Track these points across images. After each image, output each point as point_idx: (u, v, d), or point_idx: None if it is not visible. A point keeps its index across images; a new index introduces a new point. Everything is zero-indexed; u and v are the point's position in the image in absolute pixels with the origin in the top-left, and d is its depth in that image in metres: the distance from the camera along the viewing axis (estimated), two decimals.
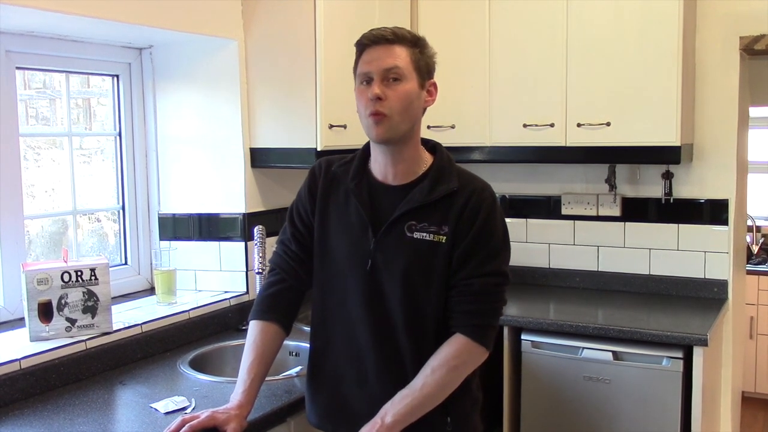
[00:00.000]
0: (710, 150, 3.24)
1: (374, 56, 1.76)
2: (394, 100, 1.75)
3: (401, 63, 1.75)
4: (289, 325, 1.95)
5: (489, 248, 1.78)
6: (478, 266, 1.77)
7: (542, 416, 2.99)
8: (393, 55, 1.75)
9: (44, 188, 2.79)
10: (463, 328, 1.77)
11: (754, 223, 5.25)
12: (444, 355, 1.76)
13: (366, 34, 1.80)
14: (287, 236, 1.96)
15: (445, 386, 1.76)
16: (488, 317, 1.79)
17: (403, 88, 1.76)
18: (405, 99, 1.76)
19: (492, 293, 1.79)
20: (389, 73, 1.75)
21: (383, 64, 1.75)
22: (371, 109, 1.75)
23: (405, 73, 1.76)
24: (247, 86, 2.90)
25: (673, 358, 2.75)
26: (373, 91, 1.74)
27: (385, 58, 1.75)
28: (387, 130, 1.76)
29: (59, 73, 2.74)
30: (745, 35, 3.13)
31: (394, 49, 1.76)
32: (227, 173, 2.92)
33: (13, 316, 2.47)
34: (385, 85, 1.74)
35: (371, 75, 1.75)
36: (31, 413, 1.99)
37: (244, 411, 1.80)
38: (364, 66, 1.77)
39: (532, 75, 3.18)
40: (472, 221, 1.77)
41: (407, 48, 1.77)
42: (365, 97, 1.76)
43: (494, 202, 1.82)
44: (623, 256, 3.43)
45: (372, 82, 1.75)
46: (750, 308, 4.88)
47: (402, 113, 1.76)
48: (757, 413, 4.91)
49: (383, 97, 1.73)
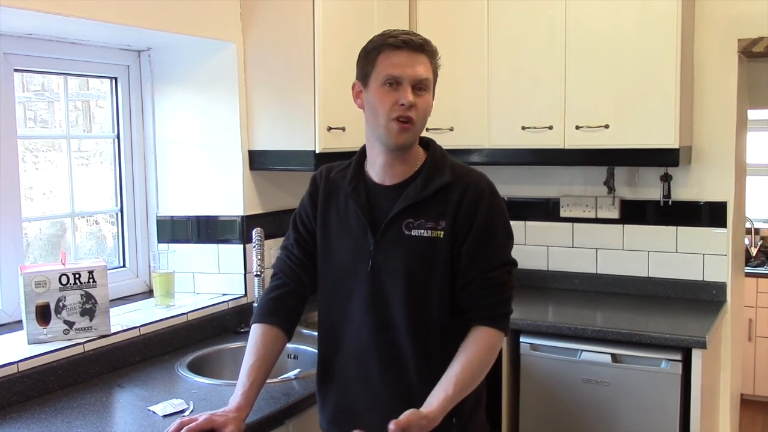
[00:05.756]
0: (709, 152, 3.24)
1: (405, 62, 1.73)
2: (420, 109, 1.76)
3: (430, 75, 1.77)
4: (290, 329, 1.95)
5: (497, 239, 1.81)
6: (490, 259, 1.79)
7: (541, 419, 2.99)
8: (423, 64, 1.75)
9: (42, 191, 2.78)
10: (485, 320, 1.78)
11: (752, 225, 5.25)
12: (475, 349, 1.76)
13: (392, 34, 1.77)
14: (290, 242, 1.97)
15: (475, 380, 1.77)
16: (506, 305, 1.82)
17: (427, 99, 1.78)
18: (428, 109, 1.80)
19: (506, 282, 1.81)
20: (420, 83, 1.75)
21: (416, 73, 1.74)
22: (402, 114, 1.74)
23: (430, 85, 1.78)
24: (246, 89, 2.89)
25: (671, 360, 2.75)
26: (407, 98, 1.73)
27: (417, 67, 1.74)
28: (411, 137, 1.78)
29: (57, 76, 2.74)
30: (744, 38, 3.13)
31: (423, 59, 1.76)
32: (226, 176, 2.92)
33: (11, 319, 2.46)
34: (414, 94, 1.74)
35: (401, 80, 1.73)
36: (29, 416, 1.98)
37: (243, 414, 1.80)
38: (395, 69, 1.73)
39: (530, 77, 3.18)
40: (473, 215, 1.78)
41: (429, 58, 1.78)
42: (391, 100, 1.74)
43: (492, 192, 1.83)
44: (622, 258, 3.43)
45: (400, 86, 1.74)
46: (749, 311, 4.89)
47: (424, 122, 1.80)
48: (755, 416, 4.91)
49: (414, 106, 1.74)
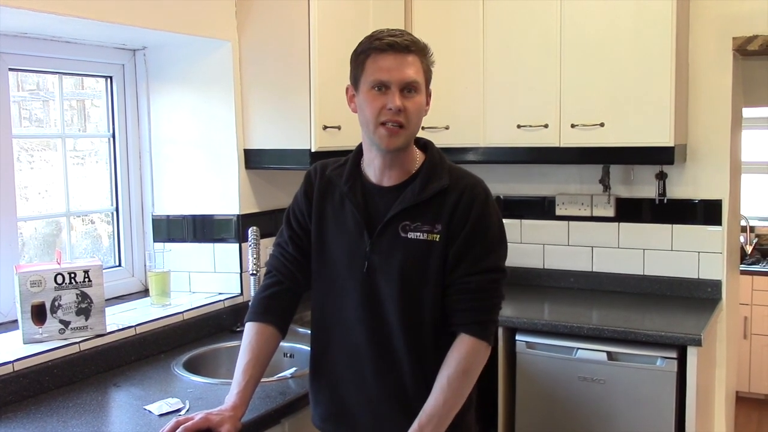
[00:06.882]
0: (704, 150, 3.25)
1: (391, 65, 1.71)
2: (411, 112, 1.74)
3: (419, 76, 1.73)
4: (285, 327, 1.95)
5: (484, 245, 1.78)
6: (474, 263, 1.76)
7: (537, 417, 3.00)
8: (411, 66, 1.72)
9: (38, 190, 2.77)
10: (465, 326, 1.77)
11: (747, 223, 5.26)
12: (455, 364, 1.75)
13: (378, 36, 1.74)
14: (284, 239, 1.95)
15: (463, 394, 1.77)
16: (488, 313, 1.79)
17: (419, 100, 1.75)
18: (419, 111, 1.76)
19: (490, 290, 1.79)
20: (408, 85, 1.72)
21: (403, 76, 1.71)
22: (390, 118, 1.72)
23: (420, 86, 1.75)
24: (241, 87, 2.89)
25: (667, 358, 2.75)
26: (395, 102, 1.70)
27: (404, 69, 1.71)
28: (404, 140, 1.76)
29: (52, 75, 2.73)
30: (739, 36, 3.13)
31: (411, 60, 1.72)
32: (221, 174, 2.92)
33: (6, 318, 2.46)
34: (403, 96, 1.72)
35: (389, 84, 1.71)
36: (25, 416, 1.98)
37: (239, 412, 1.80)
38: (381, 73, 1.71)
39: (526, 75, 3.18)
40: (465, 218, 1.77)
41: (419, 57, 1.74)
42: (379, 104, 1.72)
43: (487, 197, 1.81)
44: (617, 256, 3.44)
45: (388, 90, 1.72)
46: (744, 308, 4.89)
47: (416, 124, 1.77)
48: (751, 413, 4.92)
49: (403, 109, 1.72)
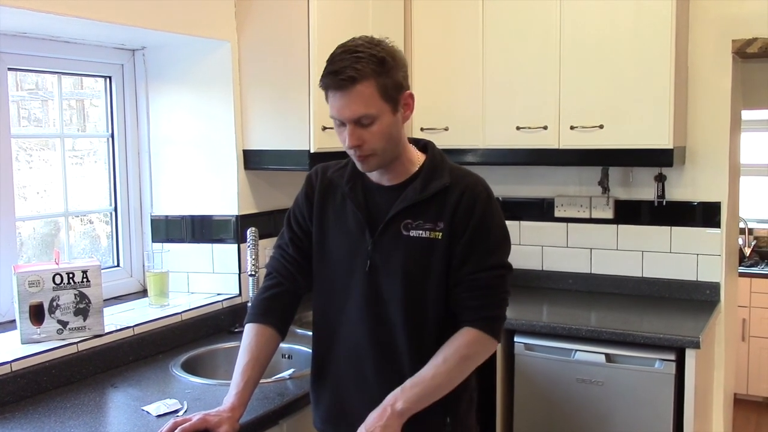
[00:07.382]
0: (703, 153, 3.25)
1: (341, 103, 1.68)
2: (374, 141, 1.72)
3: (370, 108, 1.68)
4: (284, 329, 1.95)
5: (489, 242, 1.79)
6: (480, 261, 1.77)
7: (535, 419, 3.00)
8: (359, 99, 1.66)
9: (36, 190, 2.77)
10: (474, 322, 1.77)
11: (746, 225, 5.27)
12: (456, 346, 1.76)
13: (326, 72, 1.69)
14: (285, 241, 1.96)
15: (455, 377, 1.77)
16: (496, 309, 1.81)
17: (379, 128, 1.71)
18: (384, 135, 1.72)
19: (497, 285, 1.80)
20: (359, 120, 1.69)
21: (352, 113, 1.68)
22: (353, 151, 1.74)
23: (376, 114, 1.69)
24: (240, 88, 2.89)
25: (665, 360, 2.75)
26: (348, 141, 1.71)
27: (352, 106, 1.67)
28: (376, 164, 1.78)
29: (51, 75, 2.73)
30: (738, 38, 3.14)
31: (359, 91, 1.66)
32: (220, 175, 2.92)
33: (4, 319, 2.45)
34: (360, 128, 1.70)
35: (342, 120, 1.71)
36: (22, 416, 1.98)
37: (237, 414, 1.80)
38: (334, 111, 1.71)
39: (525, 77, 3.18)
40: (468, 217, 1.77)
41: (372, 80, 1.66)
42: (342, 138, 1.74)
43: (489, 195, 1.82)
44: (616, 258, 3.44)
45: (344, 125, 1.71)
46: (742, 311, 4.90)
47: (385, 146, 1.74)
48: (749, 415, 4.92)
49: (361, 143, 1.72)
